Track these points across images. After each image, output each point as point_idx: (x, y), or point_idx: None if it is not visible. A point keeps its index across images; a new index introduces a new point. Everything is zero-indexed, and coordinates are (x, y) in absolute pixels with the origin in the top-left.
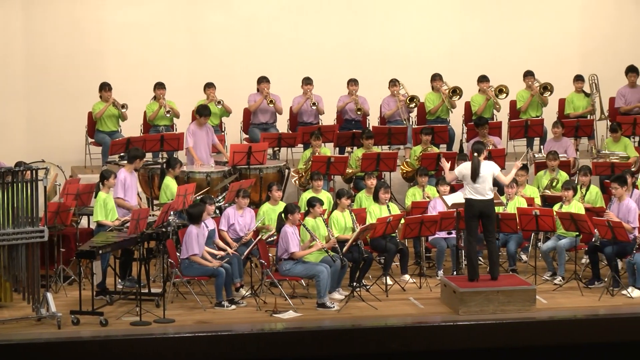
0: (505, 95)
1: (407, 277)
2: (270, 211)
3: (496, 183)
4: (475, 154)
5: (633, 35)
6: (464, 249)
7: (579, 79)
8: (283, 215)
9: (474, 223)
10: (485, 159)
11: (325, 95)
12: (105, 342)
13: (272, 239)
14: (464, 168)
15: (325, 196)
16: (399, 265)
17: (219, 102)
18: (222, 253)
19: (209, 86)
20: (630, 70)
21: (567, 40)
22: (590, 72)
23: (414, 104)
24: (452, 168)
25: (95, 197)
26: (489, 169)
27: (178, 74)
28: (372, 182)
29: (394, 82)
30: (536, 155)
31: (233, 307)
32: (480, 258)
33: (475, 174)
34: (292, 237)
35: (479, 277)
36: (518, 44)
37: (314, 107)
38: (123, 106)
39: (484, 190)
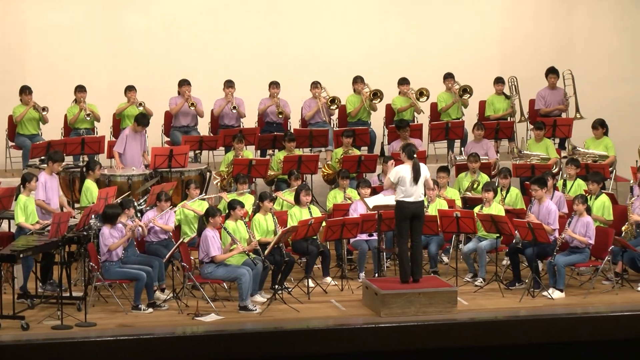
0: (426, 98)
1: (328, 279)
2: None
3: None
4: (415, 156)
5: (552, 37)
6: (389, 251)
7: (499, 81)
8: (204, 218)
9: (405, 225)
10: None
11: (247, 98)
12: (26, 346)
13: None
14: (401, 171)
15: (249, 199)
16: (320, 267)
17: (140, 105)
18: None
19: (129, 89)
20: (551, 71)
21: (486, 42)
22: (510, 74)
23: (335, 105)
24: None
25: (16, 199)
26: (424, 171)
27: (99, 77)
28: (297, 182)
29: (315, 85)
30: (457, 158)
31: (150, 310)
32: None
33: (417, 176)
34: (213, 240)
35: (410, 278)
36: (438, 45)
37: (234, 111)
38: (44, 109)
39: (417, 193)
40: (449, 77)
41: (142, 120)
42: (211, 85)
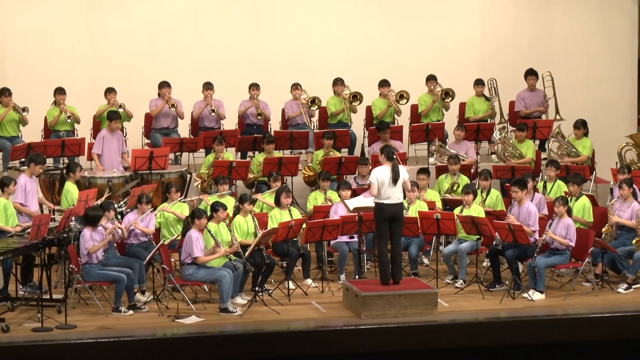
0: (406, 100)
1: (309, 281)
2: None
3: None
4: (394, 158)
5: (531, 39)
6: (370, 252)
7: (479, 83)
8: (189, 219)
9: (384, 227)
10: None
11: (227, 100)
12: (6, 349)
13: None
14: (380, 173)
15: (229, 201)
16: (301, 269)
17: (120, 106)
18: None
19: (109, 91)
20: (530, 73)
21: (466, 44)
22: (490, 76)
23: (316, 106)
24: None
25: None
26: (403, 172)
27: (79, 79)
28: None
29: (295, 86)
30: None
31: (130, 312)
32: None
33: (396, 177)
34: (197, 242)
35: (390, 280)
36: (418, 47)
37: (213, 114)
38: (24, 109)
39: (396, 194)
40: (431, 79)
41: (112, 115)
42: (191, 87)
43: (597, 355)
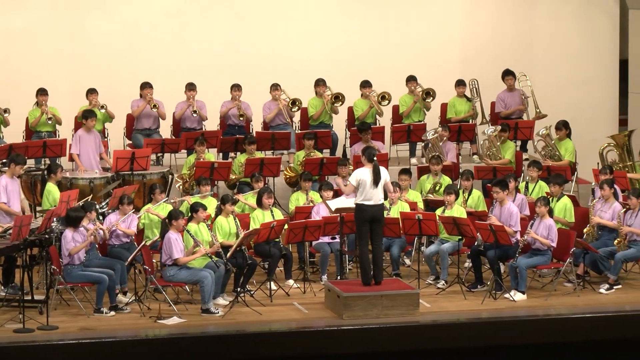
0: (387, 102)
1: (291, 282)
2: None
3: None
4: (375, 159)
5: (513, 39)
6: (351, 253)
7: (460, 83)
8: (167, 221)
9: (365, 228)
10: None
11: (209, 101)
12: None
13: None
14: (360, 174)
15: (211, 201)
16: (283, 270)
17: (102, 107)
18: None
19: (91, 92)
20: (507, 73)
21: (448, 45)
22: (471, 77)
23: (296, 107)
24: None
25: None
26: (384, 174)
27: (60, 80)
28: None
29: (275, 87)
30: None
31: (112, 313)
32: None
33: (377, 178)
34: (176, 243)
35: (372, 281)
36: (400, 48)
37: (195, 115)
38: (5, 110)
39: (377, 196)
40: (411, 79)
41: (88, 114)
42: (173, 87)
43: (579, 356)
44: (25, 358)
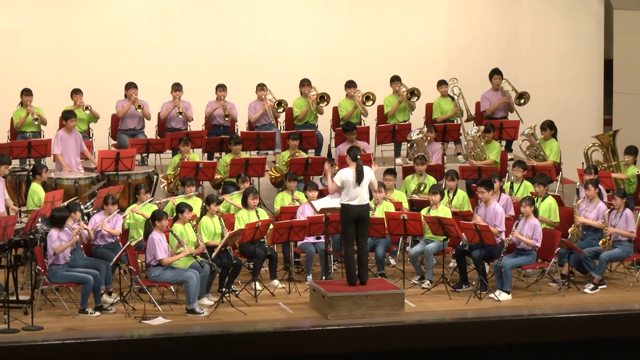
0: (372, 102)
1: (276, 282)
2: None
3: None
4: (359, 158)
5: (498, 39)
6: (336, 253)
7: (442, 83)
8: (150, 221)
9: (350, 228)
10: None
11: (195, 101)
12: None
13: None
14: (344, 174)
15: (196, 202)
16: (268, 270)
17: (86, 108)
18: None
19: (76, 92)
20: (495, 72)
21: (433, 45)
22: (456, 77)
23: (282, 108)
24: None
25: None
26: (368, 173)
27: (45, 80)
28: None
29: (261, 87)
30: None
31: (97, 313)
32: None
33: (360, 177)
34: (160, 244)
35: (357, 281)
36: (385, 48)
37: (180, 117)
38: None
39: (362, 196)
40: (396, 79)
41: (67, 114)
42: (159, 88)
43: (564, 356)
44: (10, 358)
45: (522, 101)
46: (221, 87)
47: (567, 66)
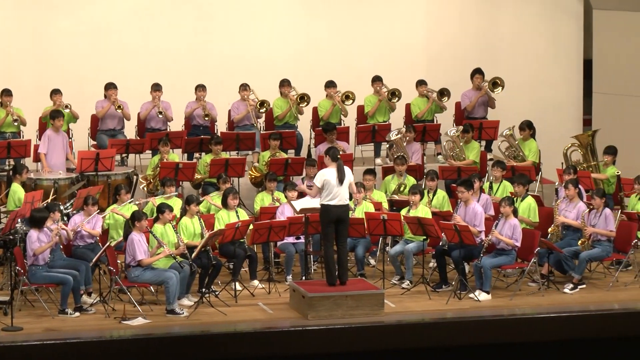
0: (351, 101)
1: (256, 282)
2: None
3: None
4: (339, 158)
5: (477, 40)
6: (316, 253)
7: (421, 83)
8: (130, 222)
9: (330, 229)
10: None
11: (174, 101)
12: None
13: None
14: (325, 175)
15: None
16: (247, 270)
17: (66, 107)
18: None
19: (55, 92)
20: (477, 72)
21: (413, 45)
22: (435, 77)
23: (264, 108)
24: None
25: None
26: (348, 174)
27: (24, 81)
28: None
29: (244, 87)
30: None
31: (77, 314)
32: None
33: (342, 177)
34: (139, 244)
35: (337, 281)
36: (364, 49)
37: (160, 116)
38: None
39: (342, 196)
40: (377, 80)
41: (55, 114)
42: (139, 88)
43: (544, 356)
44: None
45: (498, 89)
46: (201, 88)
47: (546, 66)
